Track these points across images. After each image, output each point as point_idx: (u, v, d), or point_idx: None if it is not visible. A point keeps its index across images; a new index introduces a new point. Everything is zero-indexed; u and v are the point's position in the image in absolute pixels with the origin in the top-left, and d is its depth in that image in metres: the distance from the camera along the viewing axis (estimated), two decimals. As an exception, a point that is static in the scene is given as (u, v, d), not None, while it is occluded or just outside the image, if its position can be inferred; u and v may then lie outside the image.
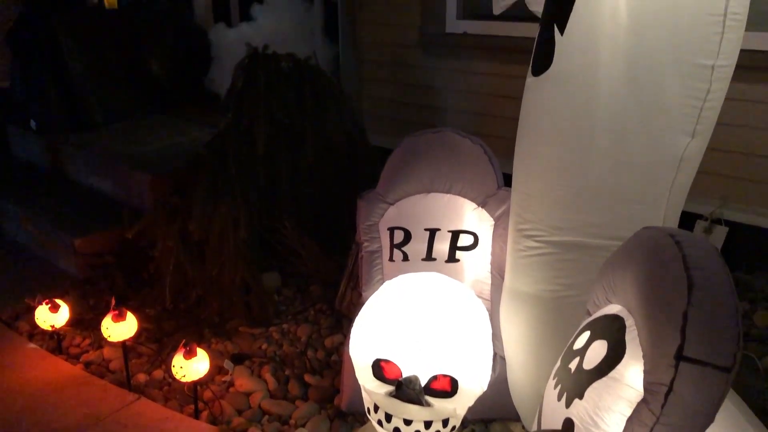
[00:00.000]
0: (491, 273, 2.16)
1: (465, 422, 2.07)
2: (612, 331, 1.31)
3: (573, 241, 1.78)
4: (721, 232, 2.83)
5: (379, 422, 1.61)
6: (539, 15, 1.90)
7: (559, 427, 1.34)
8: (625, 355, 1.23)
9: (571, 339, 1.48)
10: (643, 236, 1.37)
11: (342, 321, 2.72)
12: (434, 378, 1.54)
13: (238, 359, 2.53)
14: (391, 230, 2.19)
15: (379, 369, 1.58)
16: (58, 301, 2.59)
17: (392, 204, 2.21)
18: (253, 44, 3.09)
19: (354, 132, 3.24)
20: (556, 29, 1.71)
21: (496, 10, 2.18)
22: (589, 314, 1.50)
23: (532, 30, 2.56)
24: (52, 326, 2.56)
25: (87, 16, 4.45)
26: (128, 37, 4.52)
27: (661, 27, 1.55)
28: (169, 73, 4.69)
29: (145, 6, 4.82)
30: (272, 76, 2.99)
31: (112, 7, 4.58)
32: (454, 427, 1.64)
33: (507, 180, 2.14)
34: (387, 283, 1.74)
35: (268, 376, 2.43)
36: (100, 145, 3.97)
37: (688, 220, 2.63)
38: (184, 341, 2.21)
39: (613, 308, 1.38)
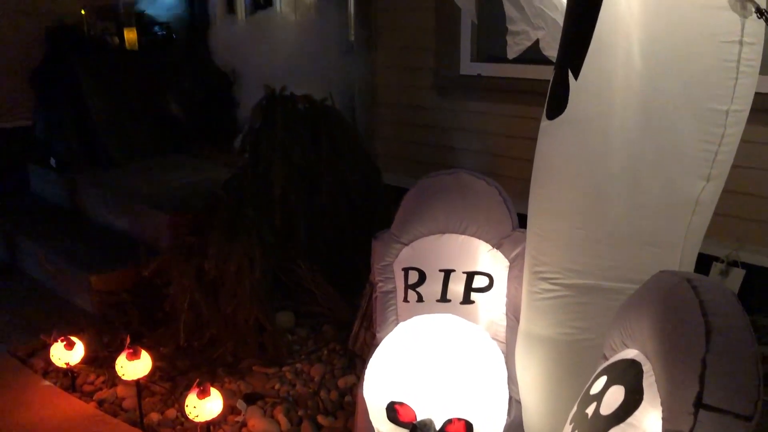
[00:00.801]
0: (506, 315, 2.15)
1: (480, 467, 2.04)
2: (629, 376, 1.30)
3: (588, 284, 1.77)
4: (737, 275, 2.81)
5: (394, 466, 1.59)
6: (553, 59, 1.93)
7: (576, 474, 1.32)
8: (643, 402, 1.22)
9: (588, 383, 1.46)
10: (659, 281, 1.36)
11: (355, 361, 2.70)
12: (449, 422, 1.53)
13: (251, 399, 2.52)
14: (406, 271, 2.20)
15: (393, 411, 1.57)
16: (73, 339, 2.60)
17: (407, 244, 2.21)
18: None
19: (369, 172, 3.27)
20: (570, 74, 1.73)
21: (511, 55, 2.21)
22: (606, 358, 1.49)
23: (545, 72, 2.60)
24: (67, 363, 2.57)
25: (108, 58, 4.55)
26: (148, 77, 4.62)
27: (674, 72, 1.57)
28: (187, 112, 4.77)
29: (165, 48, 4.93)
30: (289, 117, 3.04)
31: (133, 48, 4.67)
32: (469, 472, 1.61)
33: (522, 220, 2.15)
34: (401, 325, 1.74)
35: (280, 416, 2.41)
36: (118, 184, 4.03)
37: (704, 262, 2.61)
38: (197, 380, 2.20)
39: (630, 353, 1.37)
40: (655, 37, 1.57)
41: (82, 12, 4.63)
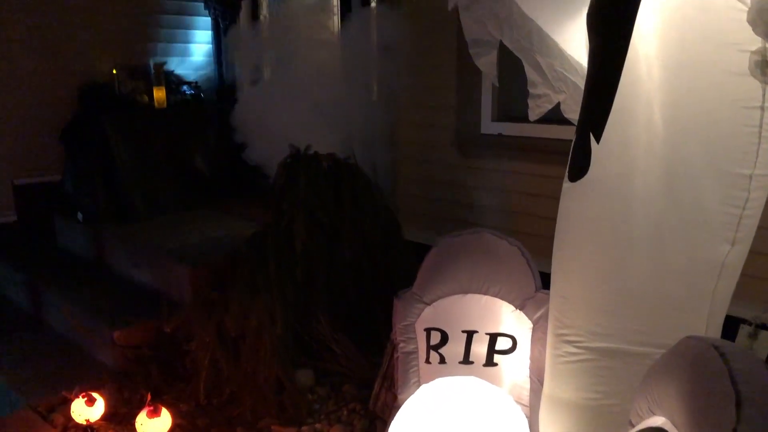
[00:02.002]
0: (530, 378, 2.12)
1: None
2: (658, 445, 1.28)
3: (613, 348, 1.75)
4: (766, 338, 2.75)
5: None
6: (574, 122, 1.96)
7: None
8: (673, 472, 1.19)
9: (615, 451, 1.43)
10: (685, 347, 1.35)
11: (376, 422, 2.66)
12: (473, 488, 1.50)
13: (269, 459, 2.49)
14: (428, 331, 2.19)
15: (415, 477, 1.55)
16: (94, 395, 2.60)
17: (429, 304, 2.21)
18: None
19: (390, 228, 3.29)
20: (592, 138, 1.75)
21: (532, 117, 2.24)
22: (632, 425, 1.47)
23: (566, 132, 2.63)
24: (87, 420, 2.57)
25: (137, 116, 4.67)
26: (175, 134, 4.73)
27: (696, 137, 1.58)
28: (212, 168, 4.87)
29: (192, 105, 5.06)
30: (313, 175, 3.08)
31: (162, 106, 4.80)
32: None
33: (545, 279, 2.14)
34: (423, 387, 1.73)
35: (300, 477, 2.37)
36: (142, 237, 4.08)
37: (731, 324, 2.57)
38: (217, 440, 2.19)
39: (657, 420, 1.34)
40: (676, 102, 1.60)
41: (114, 72, 4.79)
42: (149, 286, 3.78)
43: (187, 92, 5.13)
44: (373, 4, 4.20)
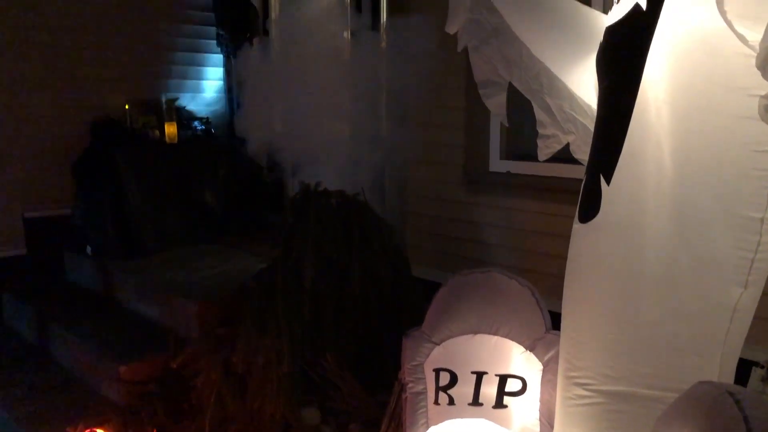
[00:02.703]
0: (540, 421, 2.09)
1: None
2: (672, 494, 1.25)
3: (625, 391, 1.73)
4: (779, 381, 2.72)
5: None
6: (584, 163, 1.97)
7: None
8: None
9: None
10: (699, 393, 1.33)
11: (383, 463, 2.63)
12: None
13: (274, 500, 2.45)
14: (437, 371, 2.17)
15: None
16: (99, 431, 2.58)
17: (438, 344, 2.20)
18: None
19: (398, 265, 3.28)
20: (602, 179, 1.75)
21: (542, 157, 2.25)
22: (646, 472, 1.44)
23: (575, 171, 2.64)
24: (91, 457, 2.54)
25: (147, 150, 4.72)
26: (185, 169, 4.77)
27: (706, 180, 1.58)
28: (222, 203, 4.89)
29: (203, 140, 5.12)
30: (322, 212, 3.10)
31: (173, 141, 4.85)
32: None
33: (554, 319, 2.13)
34: (432, 429, 1.71)
35: None
36: (151, 272, 4.09)
37: (743, 367, 2.53)
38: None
39: (671, 467, 1.32)
40: (686, 146, 1.60)
41: (126, 107, 4.85)
42: (156, 320, 3.77)
43: (198, 128, 5.19)
44: (383, 44, 4.25)
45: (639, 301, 1.70)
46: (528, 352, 2.13)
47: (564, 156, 2.32)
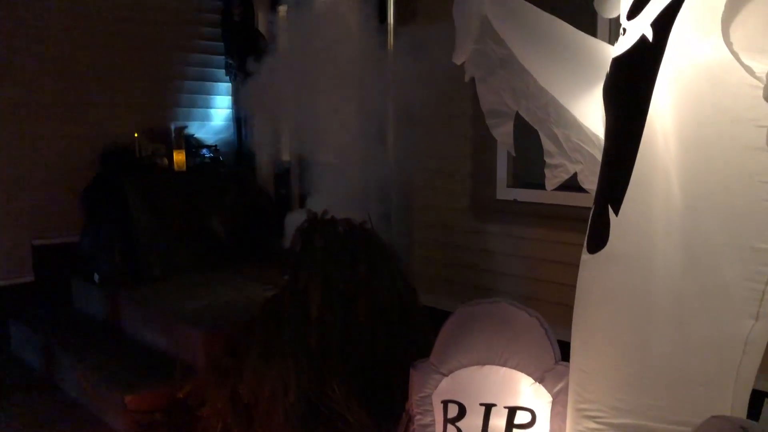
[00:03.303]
0: (550, 453, 2.07)
1: None
2: None
3: (635, 425, 1.71)
4: (792, 413, 2.67)
5: None
6: (591, 192, 1.97)
7: None
8: None
9: None
10: (712, 427, 1.31)
11: (390, 496, 2.60)
12: None
13: None
14: (445, 403, 2.15)
15: None
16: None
17: (446, 375, 2.18)
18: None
19: (405, 293, 3.26)
20: (610, 209, 1.75)
21: (549, 187, 2.25)
22: None
23: (582, 199, 2.63)
24: (96, 489, 2.51)
25: (156, 178, 4.75)
26: (193, 196, 4.80)
27: (715, 211, 1.58)
28: (229, 230, 4.90)
29: (211, 168, 5.15)
30: (329, 240, 3.09)
31: (181, 169, 4.88)
32: None
33: (563, 348, 2.11)
34: (441, 463, 1.69)
35: None
36: (157, 300, 4.08)
37: (755, 399, 2.50)
38: None
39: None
40: (694, 176, 1.60)
41: (135, 135, 4.89)
42: (163, 349, 3.76)
43: (207, 155, 5.23)
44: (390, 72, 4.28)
45: (649, 333, 1.68)
46: (537, 383, 2.11)
47: (571, 184, 2.32)
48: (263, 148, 5.48)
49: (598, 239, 1.77)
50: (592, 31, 2.99)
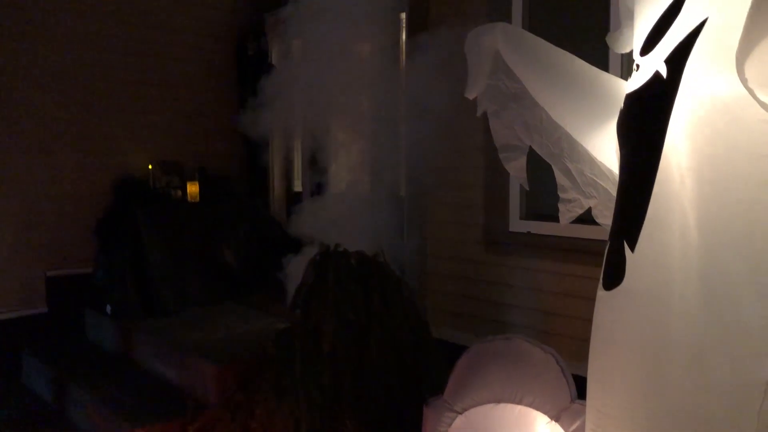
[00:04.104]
0: (566, 494, 2.02)
1: None
2: None
3: (654, 466, 1.66)
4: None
5: None
6: (606, 227, 1.95)
7: None
8: None
9: None
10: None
11: None
12: None
13: None
14: (459, 442, 2.12)
15: None
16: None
17: (461, 413, 2.15)
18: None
19: (418, 327, 3.24)
20: (626, 245, 1.73)
21: (563, 221, 2.23)
22: None
23: (596, 232, 2.62)
24: None
25: (169, 209, 4.78)
26: (206, 227, 4.81)
27: (734, 249, 1.55)
28: (242, 262, 4.90)
29: (224, 199, 5.17)
30: (341, 273, 3.08)
31: (195, 200, 4.91)
32: None
33: (578, 383, 2.07)
34: (456, 505, 1.65)
35: None
36: (169, 332, 4.07)
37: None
38: None
39: None
40: (712, 214, 1.57)
41: (149, 167, 4.93)
42: (174, 383, 3.74)
43: (220, 186, 5.25)
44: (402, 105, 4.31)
45: (667, 373, 1.65)
46: (553, 422, 2.08)
47: (586, 217, 2.30)
48: (276, 179, 5.52)
49: (614, 276, 1.75)
50: (604, 65, 2.99)
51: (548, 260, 3.57)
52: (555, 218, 2.35)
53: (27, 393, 4.25)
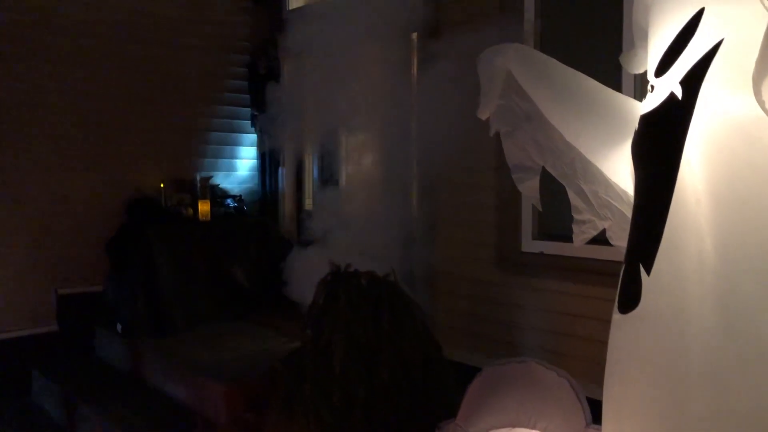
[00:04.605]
0: None
1: None
2: None
3: (671, 494, 1.63)
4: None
5: None
6: (622, 249, 1.92)
7: None
8: None
9: None
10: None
11: None
12: None
13: None
14: (472, 467, 2.08)
15: None
16: None
17: (473, 437, 2.12)
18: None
19: (429, 348, 3.21)
20: (642, 268, 1.70)
21: (577, 243, 2.21)
22: None
23: (610, 252, 2.59)
24: None
25: (180, 228, 4.78)
26: (216, 246, 4.81)
27: (751, 271, 1.52)
28: (252, 280, 4.89)
29: (235, 218, 5.18)
30: (352, 294, 3.06)
31: (206, 219, 4.91)
32: None
33: (591, 405, 2.04)
34: None
35: None
36: (179, 351, 4.06)
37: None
38: None
39: None
40: (728, 235, 1.55)
41: (161, 185, 4.95)
42: (185, 401, 3.72)
43: (231, 205, 5.26)
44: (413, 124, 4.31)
45: (684, 398, 1.62)
46: (568, 447, 2.04)
47: (599, 237, 2.28)
48: (286, 197, 5.53)
49: (630, 299, 1.72)
50: (617, 86, 2.98)
51: (561, 281, 3.53)
52: (568, 238, 2.33)
53: (37, 411, 4.25)
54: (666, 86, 1.69)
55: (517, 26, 3.68)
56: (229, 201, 5.26)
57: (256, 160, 5.70)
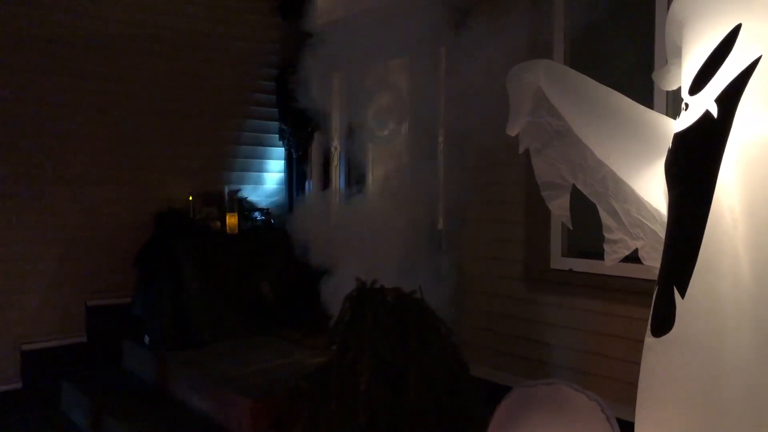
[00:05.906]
0: None
1: None
2: None
3: None
4: None
5: None
6: (655, 270, 1.87)
7: None
8: None
9: None
10: None
11: None
12: None
13: None
14: (499, 491, 2.04)
15: None
16: None
17: (500, 460, 2.07)
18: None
19: (456, 367, 3.16)
20: (675, 291, 1.66)
21: (608, 263, 2.16)
22: None
23: (640, 270, 2.53)
24: None
25: (207, 241, 4.80)
26: (243, 259, 4.83)
27: (790, 296, 1.48)
28: (278, 294, 4.90)
29: (263, 231, 5.19)
30: (378, 310, 3.03)
31: (233, 232, 4.94)
32: None
33: (621, 425, 1.98)
34: None
35: None
36: (205, 364, 4.08)
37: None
38: None
39: None
40: (766, 259, 1.50)
41: (190, 198, 4.98)
42: (209, 416, 3.72)
43: (258, 218, 5.28)
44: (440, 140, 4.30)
45: (720, 425, 1.56)
46: (598, 473, 1.99)
47: (630, 255, 2.23)
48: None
49: (664, 323, 1.68)
50: (649, 103, 2.93)
51: (590, 299, 3.47)
52: (598, 256, 2.28)
53: (66, 421, 4.29)
54: (701, 104, 1.64)
55: (547, 44, 3.65)
56: (256, 214, 5.29)
57: (283, 174, 5.72)
